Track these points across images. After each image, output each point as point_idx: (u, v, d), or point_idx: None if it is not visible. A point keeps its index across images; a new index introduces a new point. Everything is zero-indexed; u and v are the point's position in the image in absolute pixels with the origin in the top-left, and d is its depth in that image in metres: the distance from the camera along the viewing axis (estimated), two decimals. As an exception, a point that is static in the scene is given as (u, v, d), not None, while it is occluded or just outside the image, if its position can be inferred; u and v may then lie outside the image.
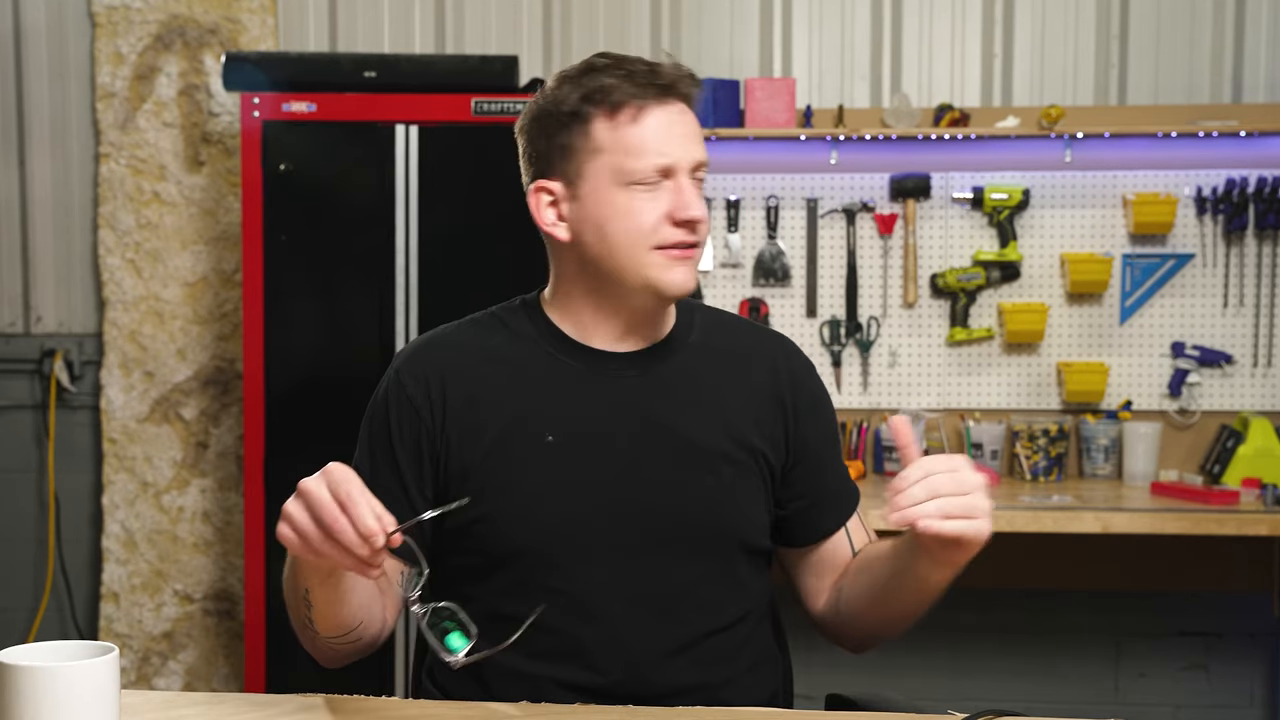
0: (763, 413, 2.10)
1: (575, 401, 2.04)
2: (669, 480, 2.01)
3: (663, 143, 1.97)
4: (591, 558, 1.78)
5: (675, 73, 2.00)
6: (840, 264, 4.57)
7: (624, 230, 1.97)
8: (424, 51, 4.60)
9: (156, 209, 4.57)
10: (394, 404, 2.06)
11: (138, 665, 4.60)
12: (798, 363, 2.18)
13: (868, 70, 4.58)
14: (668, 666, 1.99)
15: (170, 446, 4.60)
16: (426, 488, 2.04)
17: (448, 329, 2.14)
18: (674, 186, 1.98)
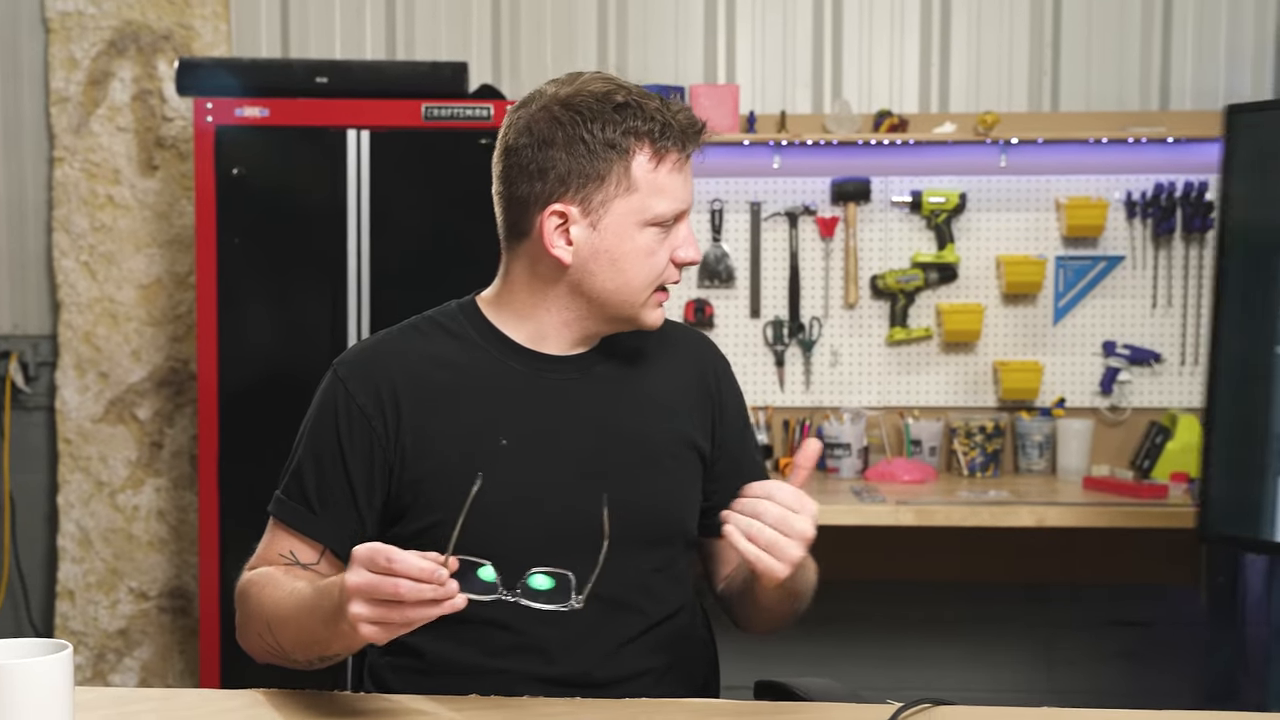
0: (695, 407, 2.14)
1: (524, 404, 2.03)
2: (620, 477, 2.01)
3: (685, 190, 2.01)
4: (545, 559, 1.78)
5: (700, 124, 2.02)
6: (783, 266, 4.58)
7: (640, 268, 1.99)
8: (375, 57, 4.59)
9: (111, 212, 4.53)
10: (343, 414, 2.02)
11: (93, 662, 4.57)
12: (720, 362, 2.24)
13: (809, 77, 4.59)
14: (617, 657, 2.01)
15: (125, 446, 4.56)
16: (376, 497, 2.01)
17: (388, 335, 2.11)
18: (679, 230, 2.02)
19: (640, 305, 2.02)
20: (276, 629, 1.89)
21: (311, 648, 1.84)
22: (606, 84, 1.99)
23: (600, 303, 2.01)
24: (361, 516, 2.00)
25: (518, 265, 2.06)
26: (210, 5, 4.51)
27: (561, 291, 2.03)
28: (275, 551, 2.02)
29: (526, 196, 1.99)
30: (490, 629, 1.95)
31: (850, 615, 4.48)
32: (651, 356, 2.14)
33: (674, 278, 2.03)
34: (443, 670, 2.00)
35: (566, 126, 1.96)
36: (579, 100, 1.97)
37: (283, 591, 1.89)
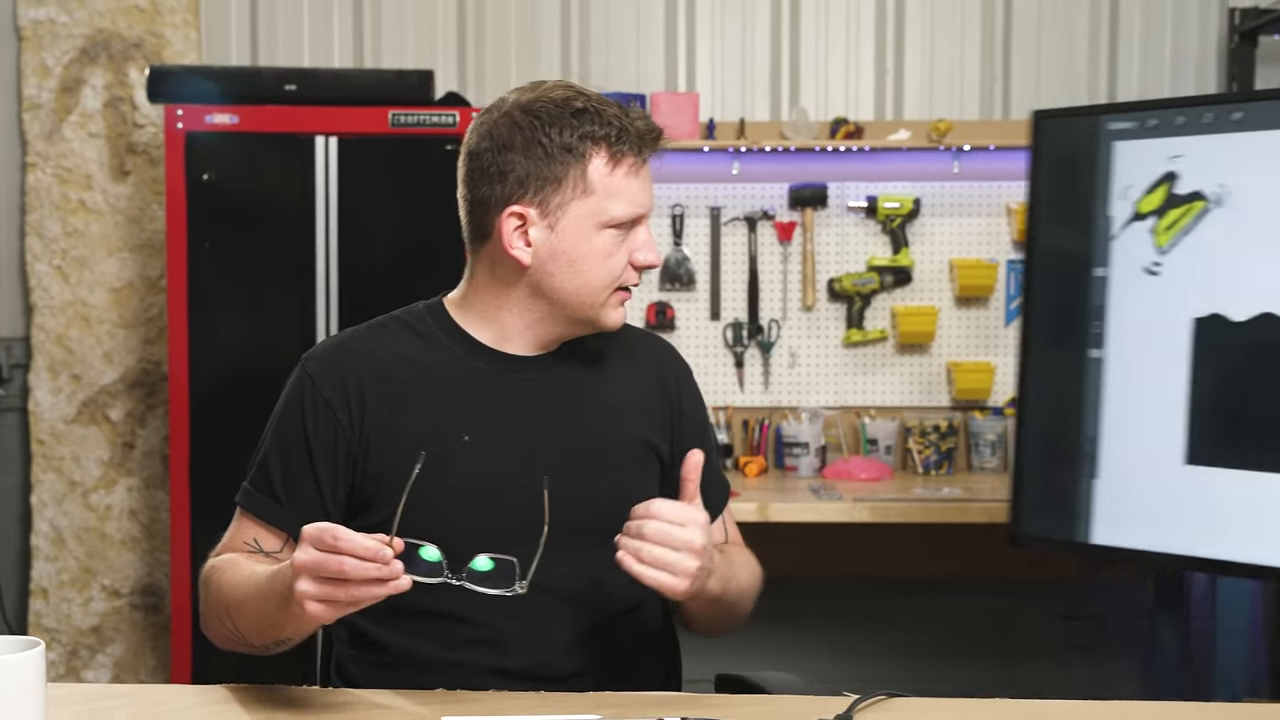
0: (653, 410, 2.15)
1: (487, 403, 2.05)
2: (578, 475, 2.03)
3: (643, 194, 2.02)
4: (502, 548, 1.79)
5: (658, 130, 2.03)
6: (742, 269, 4.60)
7: (598, 271, 2.00)
8: (343, 65, 4.59)
9: (83, 217, 4.52)
10: (309, 407, 2.03)
11: (66, 659, 4.56)
12: (681, 368, 2.24)
13: (768, 85, 4.62)
14: (577, 650, 2.02)
15: (97, 447, 4.55)
16: (340, 489, 2.02)
17: (355, 333, 2.13)
18: (638, 233, 2.03)
19: (600, 306, 2.03)
20: (234, 613, 1.91)
21: (267, 631, 1.85)
22: (567, 91, 2.01)
23: (560, 303, 2.03)
24: (325, 507, 2.01)
25: (481, 267, 2.08)
26: (180, 14, 4.51)
27: (523, 292, 2.04)
28: (240, 540, 2.04)
29: (487, 199, 2.01)
30: (450, 622, 1.97)
31: (809, 610, 4.50)
32: (613, 360, 2.15)
33: (633, 280, 2.04)
34: (405, 663, 2.02)
35: (525, 131, 1.97)
36: (538, 106, 1.99)
37: (241, 576, 1.91)
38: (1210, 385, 2.48)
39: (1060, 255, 2.63)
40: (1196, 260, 2.50)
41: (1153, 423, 2.52)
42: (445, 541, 1.85)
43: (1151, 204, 2.55)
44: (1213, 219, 2.49)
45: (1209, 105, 2.54)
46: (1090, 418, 2.58)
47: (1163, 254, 2.53)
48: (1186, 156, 2.51)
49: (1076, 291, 2.61)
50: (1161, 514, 2.52)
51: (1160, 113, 2.56)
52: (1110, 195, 2.58)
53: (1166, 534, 2.53)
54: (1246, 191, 2.46)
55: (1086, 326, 2.59)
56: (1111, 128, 2.60)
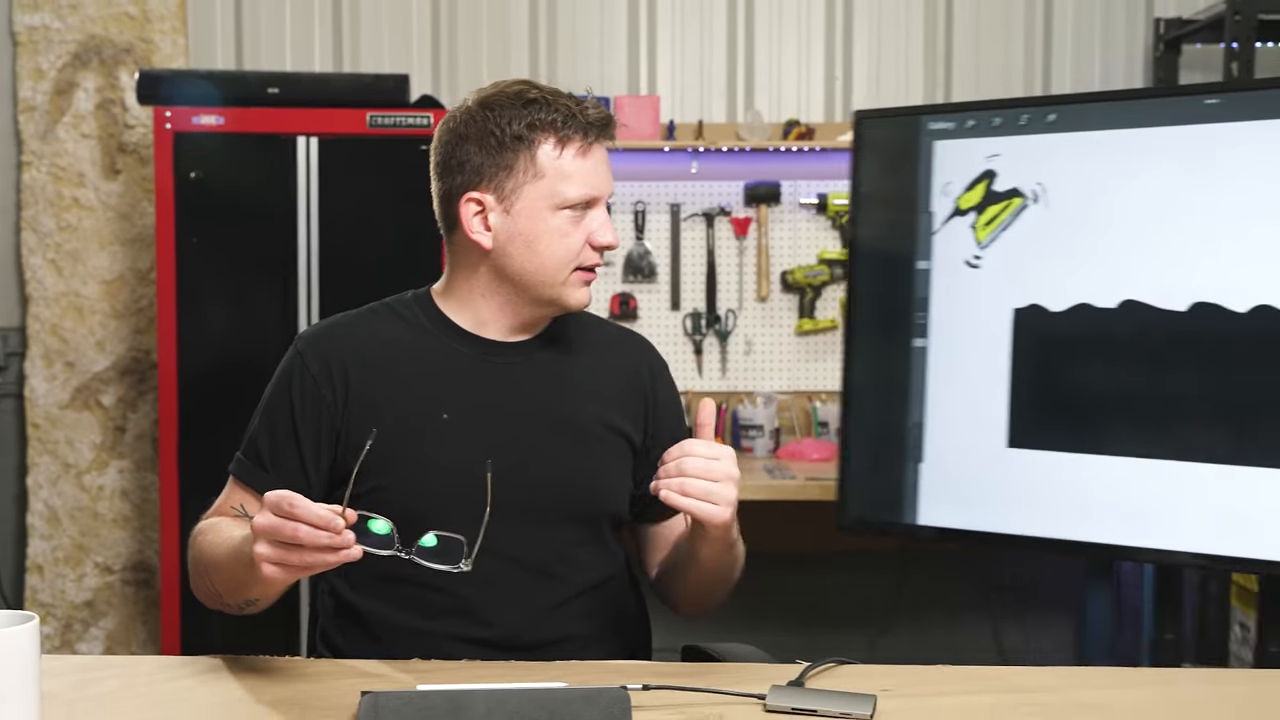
0: (627, 399, 2.15)
1: (466, 384, 2.06)
2: (549, 455, 2.04)
3: (595, 176, 2.01)
4: (478, 521, 1.80)
5: (607, 117, 2.03)
6: (701, 262, 4.61)
7: (554, 249, 2.00)
8: (323, 69, 4.58)
9: (76, 213, 4.50)
10: (297, 384, 2.05)
11: (61, 632, 4.54)
12: (657, 363, 2.24)
13: (724, 89, 4.63)
14: (547, 620, 2.03)
15: (90, 431, 4.53)
16: (323, 461, 2.04)
17: (346, 317, 2.14)
18: (594, 215, 2.02)
19: (561, 285, 2.03)
20: (212, 573, 1.92)
21: (237, 591, 1.86)
22: (522, 86, 2.03)
23: (523, 284, 2.03)
24: (309, 477, 2.03)
25: (453, 256, 2.10)
26: (169, 20, 4.49)
27: (489, 276, 2.05)
28: (229, 505, 2.05)
29: (450, 190, 2.04)
30: (426, 591, 1.97)
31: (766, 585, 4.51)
32: (592, 351, 2.16)
33: (592, 260, 2.04)
34: (384, 631, 2.03)
35: (479, 123, 2.00)
36: (493, 100, 2.01)
37: (221, 538, 1.92)
38: (1030, 372, 2.49)
39: (885, 249, 2.63)
40: (1015, 254, 2.50)
41: (976, 408, 2.53)
42: (421, 513, 1.87)
43: (971, 200, 2.56)
44: (1030, 214, 2.50)
45: (1025, 107, 2.55)
46: (915, 404, 2.58)
47: (983, 248, 2.54)
48: (1004, 155, 2.52)
49: (901, 284, 2.61)
50: (985, 495, 2.53)
51: (978, 114, 2.57)
52: (931, 192, 2.59)
53: (990, 514, 2.54)
54: (1061, 188, 2.47)
55: (910, 317, 2.59)
56: (932, 127, 2.61)
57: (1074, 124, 2.48)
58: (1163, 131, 2.41)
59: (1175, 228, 2.37)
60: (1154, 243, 2.39)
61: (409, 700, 1.57)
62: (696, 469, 1.80)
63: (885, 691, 1.77)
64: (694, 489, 1.79)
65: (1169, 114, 2.41)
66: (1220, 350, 2.34)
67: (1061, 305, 2.47)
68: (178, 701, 1.74)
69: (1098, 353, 2.45)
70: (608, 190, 2.04)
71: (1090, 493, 2.43)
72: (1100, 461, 2.43)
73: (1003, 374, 2.52)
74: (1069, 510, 2.46)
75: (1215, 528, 2.34)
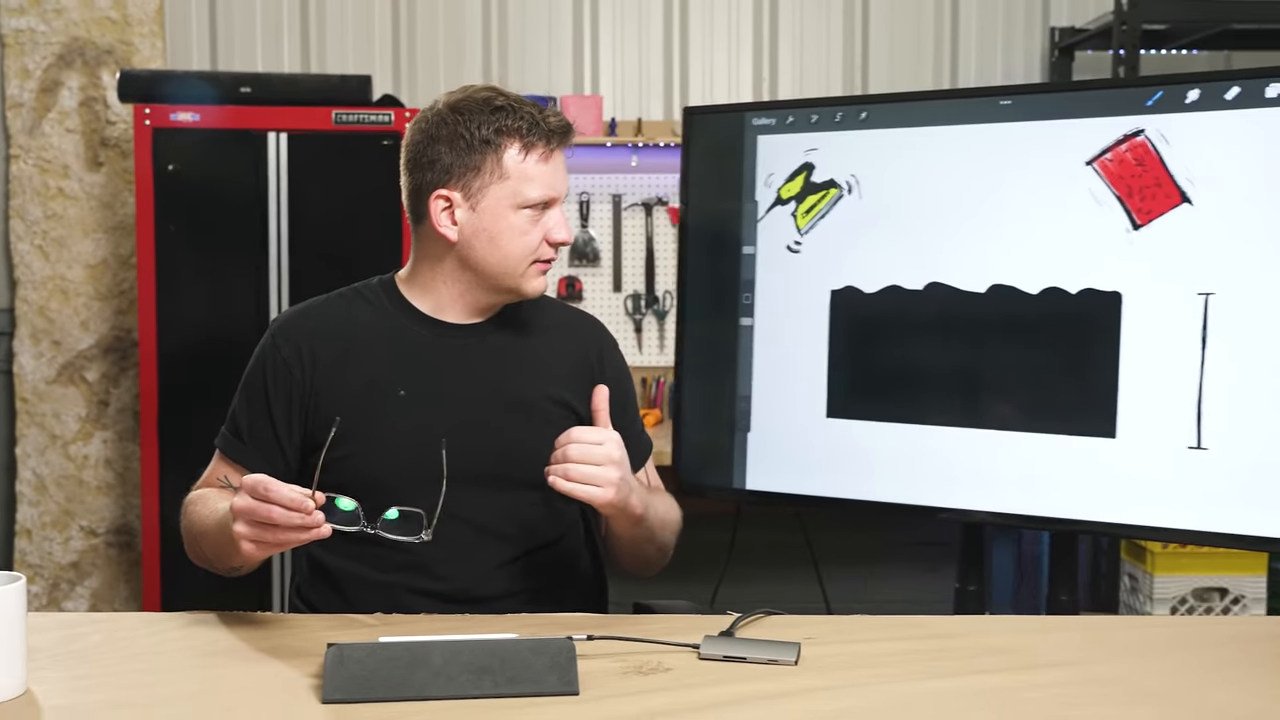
0: (574, 374, 2.14)
1: (423, 363, 2.06)
2: (496, 427, 2.04)
3: (553, 179, 2.02)
4: (433, 488, 1.81)
5: (567, 125, 2.04)
6: (640, 248, 4.60)
7: (515, 245, 2.01)
8: (292, 70, 4.54)
9: (61, 202, 4.44)
10: (269, 364, 2.07)
11: (48, 591, 4.49)
12: (605, 340, 2.24)
13: (661, 89, 4.62)
14: (496, 575, 2.04)
15: (76, 404, 4.48)
16: (295, 434, 2.05)
17: (315, 302, 2.15)
18: (552, 214, 2.03)
19: (519, 276, 2.04)
20: (201, 541, 1.94)
21: (224, 558, 1.88)
22: (489, 93, 2.03)
23: (484, 274, 2.04)
24: (283, 449, 2.05)
25: (419, 246, 2.09)
26: (148, 24, 4.43)
27: (453, 265, 2.05)
28: (215, 477, 2.07)
29: (420, 185, 2.03)
30: (387, 550, 1.96)
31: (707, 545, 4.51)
32: (543, 331, 2.16)
33: (548, 254, 2.05)
34: (348, 585, 2.04)
35: (450, 126, 2.00)
36: (463, 105, 2.01)
37: (208, 509, 1.93)
38: (846, 348, 2.51)
39: (713, 235, 2.64)
40: (832, 240, 2.52)
41: (798, 382, 2.54)
42: (380, 480, 1.87)
43: (791, 190, 2.57)
44: (845, 204, 2.52)
45: (839, 106, 2.57)
46: (743, 379, 2.60)
47: (803, 234, 2.55)
48: (821, 150, 2.54)
49: (728, 267, 2.61)
50: (807, 462, 2.55)
51: (797, 111, 2.58)
52: (755, 183, 2.60)
53: (812, 479, 2.56)
54: (873, 180, 2.49)
55: (738, 298, 2.60)
56: (755, 123, 2.62)
57: (884, 121, 2.51)
58: (963, 129, 2.44)
59: (975, 217, 2.42)
60: (956, 230, 2.43)
61: (372, 651, 1.57)
62: (579, 455, 1.81)
63: (809, 639, 1.78)
64: (576, 474, 1.81)
65: (968, 113, 2.45)
66: (1014, 328, 2.39)
67: (874, 287, 2.50)
68: (157, 654, 1.72)
69: (906, 330, 2.49)
70: (564, 191, 2.06)
71: (901, 458, 2.47)
72: (910, 430, 2.47)
73: (821, 350, 2.54)
74: (882, 474, 2.49)
75: (1011, 489, 2.39)
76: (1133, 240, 2.30)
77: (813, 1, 4.64)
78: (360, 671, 1.54)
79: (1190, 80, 2.28)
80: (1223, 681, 1.65)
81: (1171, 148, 2.27)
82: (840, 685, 1.61)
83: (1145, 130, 2.29)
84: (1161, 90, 2.29)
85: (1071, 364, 2.36)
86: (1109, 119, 2.32)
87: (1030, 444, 2.37)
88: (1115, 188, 2.31)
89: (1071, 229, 2.35)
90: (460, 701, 1.52)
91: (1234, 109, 2.23)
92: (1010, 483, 2.40)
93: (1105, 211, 2.32)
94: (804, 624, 1.88)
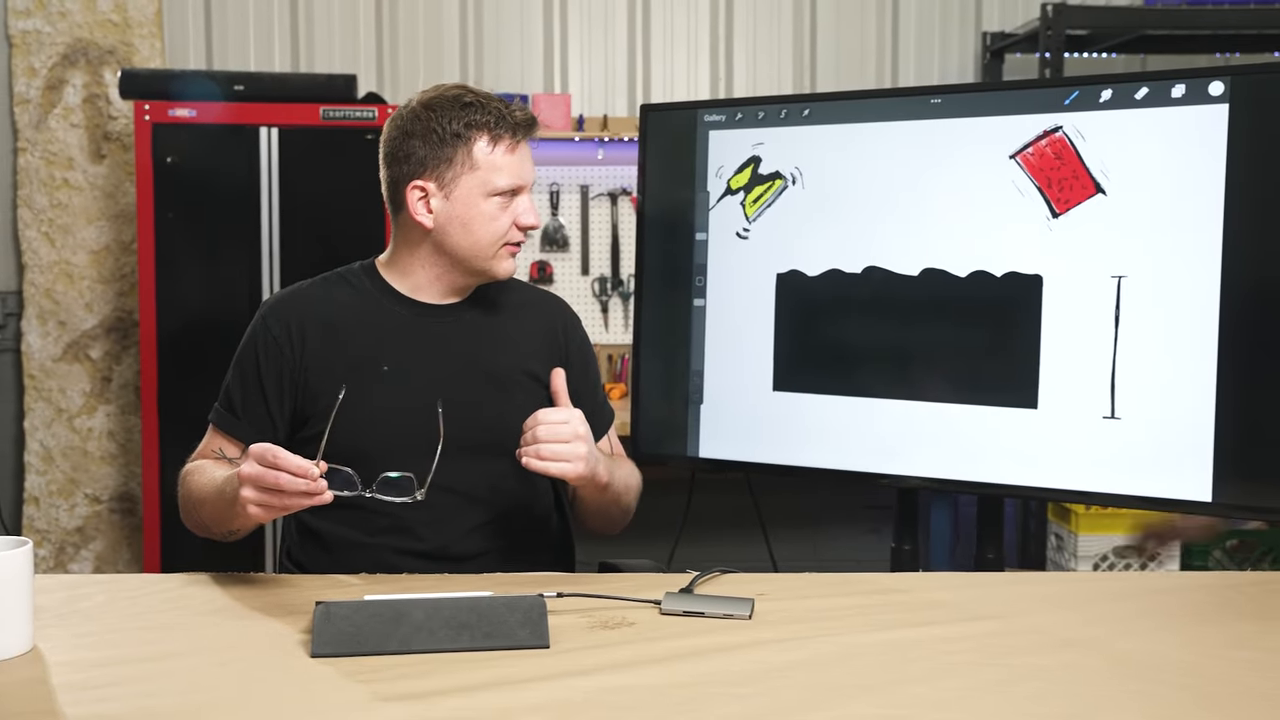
0: (543, 349, 2.15)
1: (404, 341, 2.06)
2: (473, 400, 2.04)
3: (520, 168, 2.02)
4: (415, 457, 1.81)
5: (532, 118, 2.04)
6: (606, 235, 4.60)
7: (486, 230, 2.01)
8: (282, 69, 4.51)
9: (66, 192, 4.40)
10: (261, 343, 2.07)
11: (55, 554, 4.46)
12: (571, 320, 2.25)
13: (625, 87, 4.61)
14: (475, 536, 2.05)
15: (80, 380, 4.45)
16: (285, 407, 2.06)
17: (303, 285, 2.15)
18: (520, 200, 2.03)
19: (490, 259, 2.04)
20: (199, 508, 1.94)
21: (222, 523, 1.88)
22: (459, 90, 2.04)
23: (458, 258, 2.05)
24: (274, 422, 2.05)
25: (398, 233, 2.10)
26: (147, 26, 4.39)
27: (429, 250, 2.06)
28: (210, 449, 2.07)
29: (398, 177, 2.04)
30: (370, 514, 1.98)
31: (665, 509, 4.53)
32: (513, 310, 2.16)
33: (517, 238, 2.06)
34: (335, 545, 2.04)
35: (424, 121, 2.01)
36: (435, 102, 2.02)
37: (206, 478, 1.93)
38: (790, 327, 2.52)
39: (668, 222, 2.64)
40: (777, 227, 2.53)
41: (746, 358, 2.56)
42: (364, 450, 1.88)
43: (740, 181, 2.58)
44: (789, 194, 2.53)
45: (784, 103, 2.57)
46: (696, 355, 2.61)
47: (751, 222, 2.56)
48: (767, 144, 2.55)
49: (682, 252, 2.62)
50: (755, 431, 2.57)
51: (745, 108, 2.59)
52: (707, 174, 2.61)
53: (760, 447, 2.58)
54: (816, 172, 2.50)
55: (691, 280, 2.62)
56: (707, 119, 2.62)
57: (825, 118, 2.52)
58: (899, 125, 2.46)
59: (908, 206, 2.43)
60: (891, 218, 2.44)
61: (358, 608, 1.57)
62: (546, 434, 1.83)
63: (762, 595, 1.79)
64: (547, 452, 1.82)
65: (903, 111, 2.46)
66: (945, 308, 2.41)
67: (816, 270, 2.51)
68: (156, 613, 1.72)
69: (846, 310, 2.50)
70: (531, 179, 2.06)
71: (842, 428, 2.49)
72: (850, 402, 2.49)
73: (768, 329, 2.55)
74: (825, 443, 2.51)
75: (943, 457, 2.41)
76: (1052, 228, 2.32)
77: (765, 7, 4.64)
78: (347, 627, 1.54)
79: (1103, 81, 2.30)
80: (1135, 631, 1.67)
81: (1087, 143, 2.29)
82: (791, 638, 1.62)
83: (1063, 127, 2.31)
84: (1078, 90, 2.31)
85: (997, 341, 2.38)
86: (1030, 116, 2.33)
87: (960, 415, 2.39)
88: (1036, 179, 2.33)
89: (997, 217, 2.36)
90: (440, 655, 1.53)
91: (1143, 108, 2.25)
92: (942, 450, 2.41)
93: (1027, 201, 2.34)
94: (757, 581, 1.89)
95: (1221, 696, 1.43)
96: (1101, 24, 4.18)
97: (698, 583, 1.84)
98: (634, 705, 1.38)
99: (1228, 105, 2.17)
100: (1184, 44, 4.39)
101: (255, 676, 1.47)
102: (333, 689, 1.43)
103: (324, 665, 1.50)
